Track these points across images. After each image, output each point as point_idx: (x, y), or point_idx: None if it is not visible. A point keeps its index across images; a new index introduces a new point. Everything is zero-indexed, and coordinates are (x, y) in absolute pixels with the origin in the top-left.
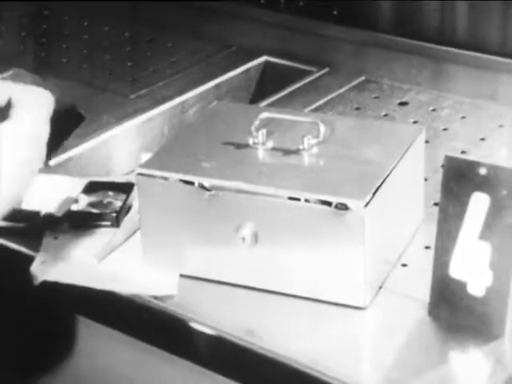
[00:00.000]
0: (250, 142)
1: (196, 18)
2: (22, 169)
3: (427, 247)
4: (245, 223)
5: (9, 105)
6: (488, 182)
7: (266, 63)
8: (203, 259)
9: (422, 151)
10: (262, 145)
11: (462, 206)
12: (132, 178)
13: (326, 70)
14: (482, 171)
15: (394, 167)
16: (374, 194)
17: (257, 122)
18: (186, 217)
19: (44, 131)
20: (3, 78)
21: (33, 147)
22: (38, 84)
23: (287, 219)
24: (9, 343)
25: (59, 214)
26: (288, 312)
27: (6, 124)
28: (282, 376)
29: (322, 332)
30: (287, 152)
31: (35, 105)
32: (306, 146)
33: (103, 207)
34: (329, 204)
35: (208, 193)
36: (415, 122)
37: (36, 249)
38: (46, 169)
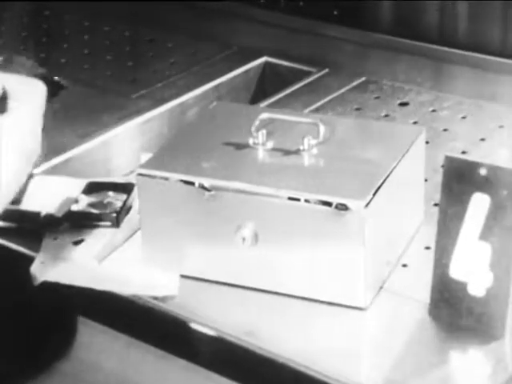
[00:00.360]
0: (250, 142)
1: (196, 19)
2: (22, 161)
3: (427, 248)
4: (245, 223)
5: (5, 96)
6: (488, 183)
7: (266, 64)
8: (203, 259)
9: (423, 152)
10: (262, 145)
11: (463, 206)
12: (132, 179)
13: (326, 70)
14: (483, 171)
15: (394, 168)
16: (374, 195)
17: (257, 123)
18: (186, 217)
19: (39, 122)
20: None
21: (31, 140)
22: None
23: (287, 219)
24: (8, 343)
25: (59, 215)
26: (288, 312)
27: (5, 117)
28: (282, 376)
29: (323, 332)
30: (287, 152)
31: (31, 97)
32: (306, 146)
33: (103, 207)
34: (329, 204)
35: (208, 193)
36: (415, 123)
37: (36, 249)
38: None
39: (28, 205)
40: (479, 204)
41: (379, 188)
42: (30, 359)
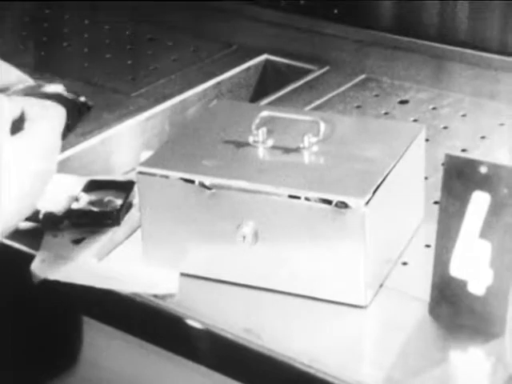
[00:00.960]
0: (251, 140)
1: (197, 17)
2: (32, 182)
3: (427, 246)
4: (245, 222)
5: (22, 118)
6: (488, 181)
7: (267, 62)
8: (204, 258)
9: (423, 149)
10: (262, 143)
11: (463, 204)
12: (132, 177)
13: (327, 68)
14: (483, 169)
15: (394, 166)
16: (374, 193)
17: (257, 121)
18: (186, 215)
19: (56, 143)
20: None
21: (44, 159)
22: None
23: (288, 217)
24: (7, 342)
25: (59, 213)
26: (288, 311)
27: (17, 137)
28: (282, 375)
29: (323, 331)
30: (287, 150)
31: (47, 118)
32: (306, 144)
33: (104, 205)
34: (329, 202)
35: (208, 191)
36: (415, 121)
37: (36, 247)
38: None
39: None
40: (479, 202)
41: (379, 186)
42: (29, 356)
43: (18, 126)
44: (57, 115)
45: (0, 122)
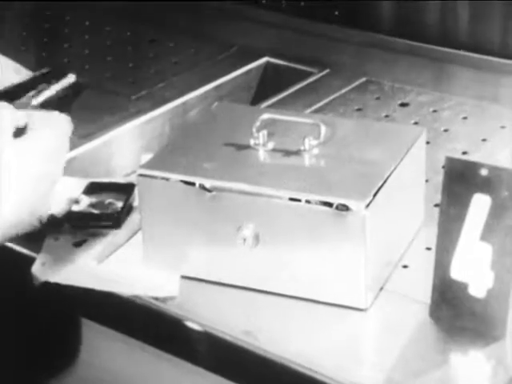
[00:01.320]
0: (251, 143)
1: (198, 19)
2: (34, 185)
3: (428, 248)
4: (246, 224)
5: (25, 128)
6: (489, 183)
7: (268, 64)
8: (204, 260)
9: (423, 152)
10: (262, 146)
11: (463, 207)
12: (133, 179)
13: (327, 71)
14: (483, 172)
15: (394, 168)
16: (374, 195)
17: (258, 123)
18: (186, 218)
19: (60, 148)
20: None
21: (46, 163)
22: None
23: (288, 220)
24: (8, 344)
25: (60, 215)
26: (288, 313)
27: (19, 140)
28: (282, 377)
29: (323, 333)
30: (288, 153)
31: (50, 126)
32: (306, 146)
33: (104, 208)
34: (330, 205)
35: (209, 194)
36: (416, 123)
37: (37, 250)
38: None
39: None
40: (480, 205)
41: (380, 189)
42: (30, 358)
43: (21, 132)
44: (61, 125)
45: (2, 127)
